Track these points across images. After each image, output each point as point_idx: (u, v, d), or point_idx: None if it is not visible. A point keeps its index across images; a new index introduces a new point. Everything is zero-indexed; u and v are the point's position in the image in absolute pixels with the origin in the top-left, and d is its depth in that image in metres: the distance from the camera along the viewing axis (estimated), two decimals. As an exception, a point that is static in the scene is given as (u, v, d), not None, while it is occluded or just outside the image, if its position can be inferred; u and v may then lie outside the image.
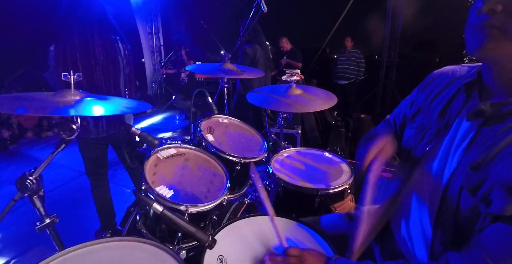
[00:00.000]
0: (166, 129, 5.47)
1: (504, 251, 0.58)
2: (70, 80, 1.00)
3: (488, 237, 0.60)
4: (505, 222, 0.58)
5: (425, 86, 0.91)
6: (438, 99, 0.84)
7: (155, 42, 7.43)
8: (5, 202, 0.94)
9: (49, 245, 1.05)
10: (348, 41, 5.38)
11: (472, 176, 0.66)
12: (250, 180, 1.57)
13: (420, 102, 0.90)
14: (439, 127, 0.79)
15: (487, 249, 0.60)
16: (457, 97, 0.78)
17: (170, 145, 1.31)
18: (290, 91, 1.63)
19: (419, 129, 0.85)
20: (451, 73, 0.87)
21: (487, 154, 0.64)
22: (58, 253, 0.80)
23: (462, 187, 0.67)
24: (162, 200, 1.04)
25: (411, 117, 0.92)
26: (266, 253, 0.90)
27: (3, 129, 4.39)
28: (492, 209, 0.60)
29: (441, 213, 0.73)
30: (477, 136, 0.68)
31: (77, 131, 1.00)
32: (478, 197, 0.63)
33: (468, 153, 0.68)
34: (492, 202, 0.60)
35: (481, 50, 0.64)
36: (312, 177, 1.45)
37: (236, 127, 1.70)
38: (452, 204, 0.69)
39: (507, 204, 0.57)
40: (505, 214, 0.58)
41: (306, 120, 3.71)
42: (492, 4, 0.61)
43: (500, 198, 0.59)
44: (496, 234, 0.59)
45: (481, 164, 0.64)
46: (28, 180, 0.93)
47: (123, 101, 1.16)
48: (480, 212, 0.63)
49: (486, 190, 0.62)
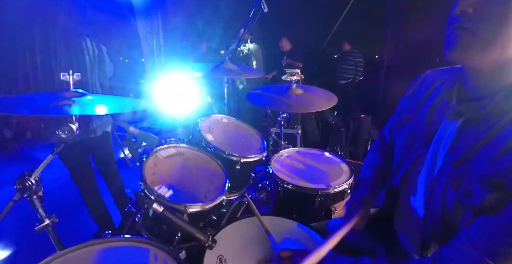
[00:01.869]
0: (165, 129, 5.46)
1: (491, 242, 0.61)
2: (70, 80, 1.00)
3: (475, 230, 0.64)
4: (488, 215, 0.61)
5: (411, 92, 0.94)
6: (423, 105, 0.87)
7: (155, 42, 7.43)
8: (5, 202, 0.94)
9: (49, 245, 1.05)
10: (345, 45, 5.37)
11: (454, 172, 0.70)
12: (251, 180, 1.57)
13: (407, 109, 0.93)
14: (427, 132, 0.82)
15: (475, 241, 0.63)
16: (440, 102, 0.82)
17: (169, 145, 1.31)
18: (290, 91, 1.62)
19: (409, 135, 0.89)
20: (433, 77, 0.90)
21: (467, 151, 0.68)
22: (58, 253, 0.80)
23: (446, 183, 0.71)
24: (161, 199, 1.04)
25: (400, 123, 0.95)
26: (266, 253, 0.90)
27: (5, 128, 4.40)
28: (473, 201, 0.64)
29: (429, 210, 0.77)
30: (460, 135, 0.71)
31: (77, 131, 1.00)
32: (460, 191, 0.67)
33: (452, 151, 0.72)
34: (472, 195, 0.64)
35: (452, 52, 0.65)
36: (312, 177, 1.44)
37: (236, 126, 1.70)
38: (438, 200, 0.73)
39: (485, 194, 0.61)
40: (484, 205, 0.61)
41: (306, 120, 3.71)
42: (463, 6, 0.62)
43: (478, 190, 0.63)
44: (481, 227, 0.63)
45: (462, 160, 0.69)
46: (27, 180, 0.93)
47: (122, 100, 1.16)
48: (464, 205, 0.67)
49: (467, 184, 0.66)
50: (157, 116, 1.16)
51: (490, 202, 0.60)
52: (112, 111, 1.06)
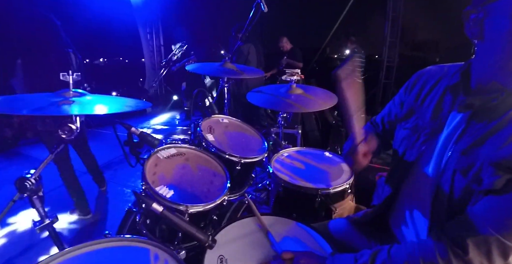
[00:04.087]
0: (166, 129, 5.46)
1: (497, 215, 0.64)
2: (69, 79, 1.00)
3: (480, 207, 0.67)
4: (494, 194, 0.65)
5: (412, 87, 0.95)
6: (428, 100, 0.88)
7: (155, 41, 7.43)
8: (5, 202, 0.94)
9: (49, 245, 1.05)
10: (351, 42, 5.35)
11: (463, 160, 0.72)
12: (251, 180, 1.57)
13: (410, 103, 0.94)
14: (434, 127, 0.84)
15: (478, 216, 0.66)
16: (445, 98, 0.83)
17: (170, 145, 1.31)
18: (290, 90, 1.62)
19: (413, 130, 0.90)
20: (436, 72, 0.91)
21: (476, 140, 0.71)
22: (58, 253, 0.80)
23: (455, 171, 0.74)
24: (162, 200, 1.04)
25: (403, 117, 0.96)
26: (266, 253, 0.90)
27: (6, 128, 4.39)
28: (484, 186, 0.67)
29: (436, 200, 0.79)
30: (468, 127, 0.74)
31: (77, 131, 1.00)
32: (469, 178, 0.70)
33: (460, 142, 0.75)
34: (482, 180, 0.67)
35: None
36: (313, 177, 1.44)
37: (236, 127, 1.70)
38: (446, 189, 0.76)
39: (496, 179, 0.64)
40: (494, 188, 0.65)
41: (306, 120, 3.70)
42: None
43: (489, 175, 0.66)
44: (486, 204, 0.66)
45: (471, 149, 0.72)
46: (27, 180, 0.93)
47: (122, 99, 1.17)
48: (473, 191, 0.69)
49: (476, 170, 0.69)
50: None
51: (500, 184, 0.64)
52: (112, 111, 1.05)
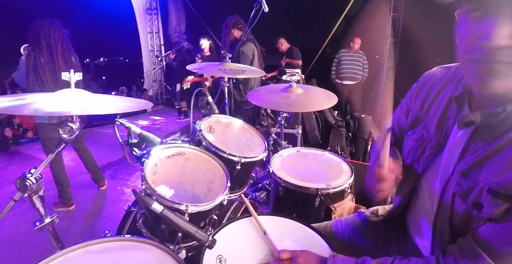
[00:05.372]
0: (166, 129, 5.46)
1: (495, 244, 0.62)
2: (71, 79, 1.00)
3: (482, 232, 0.64)
4: (494, 223, 0.62)
5: (417, 93, 0.92)
6: (433, 109, 0.85)
7: (155, 41, 7.44)
8: (5, 202, 0.94)
9: (49, 245, 1.05)
10: (356, 42, 5.33)
11: (463, 183, 0.69)
12: (251, 180, 1.57)
13: (416, 111, 0.91)
14: (439, 139, 0.80)
15: (479, 242, 0.64)
16: (451, 108, 0.79)
17: (170, 145, 1.31)
18: (290, 90, 1.62)
19: (419, 141, 0.87)
20: (442, 75, 0.87)
21: (477, 161, 0.67)
22: (58, 253, 0.79)
23: (454, 194, 0.71)
24: (162, 199, 1.04)
25: (409, 126, 0.93)
26: (265, 253, 0.90)
27: (7, 127, 4.40)
28: (483, 214, 0.64)
29: (438, 217, 0.77)
30: (470, 144, 0.70)
31: (77, 130, 1.00)
32: (469, 202, 0.67)
33: (462, 160, 0.71)
34: (482, 207, 0.64)
35: (495, 86, 0.59)
36: (312, 176, 1.44)
37: (237, 126, 1.70)
38: (447, 208, 0.73)
39: (495, 208, 0.61)
40: (494, 217, 0.62)
41: (307, 120, 3.70)
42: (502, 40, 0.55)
43: (489, 203, 0.62)
44: (488, 230, 0.63)
45: (471, 170, 0.67)
46: (28, 180, 0.93)
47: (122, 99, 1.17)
48: (473, 217, 0.66)
49: (476, 195, 0.65)
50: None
51: (500, 212, 0.61)
52: (113, 110, 1.05)
